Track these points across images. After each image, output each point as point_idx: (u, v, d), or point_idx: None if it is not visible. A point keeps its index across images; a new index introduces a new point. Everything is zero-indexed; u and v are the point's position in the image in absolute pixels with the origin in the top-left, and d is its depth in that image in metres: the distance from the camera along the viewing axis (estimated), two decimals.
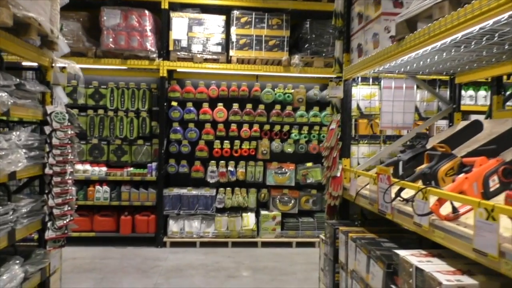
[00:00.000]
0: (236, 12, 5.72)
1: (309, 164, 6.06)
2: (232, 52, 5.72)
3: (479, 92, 6.11)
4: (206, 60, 5.75)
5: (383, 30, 2.67)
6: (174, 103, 5.83)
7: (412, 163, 2.69)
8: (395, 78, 3.51)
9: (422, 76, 3.44)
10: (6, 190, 2.54)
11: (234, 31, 5.71)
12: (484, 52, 2.43)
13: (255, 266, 4.96)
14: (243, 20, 5.71)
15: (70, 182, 2.97)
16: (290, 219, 5.95)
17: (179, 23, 5.65)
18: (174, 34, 5.66)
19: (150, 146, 5.86)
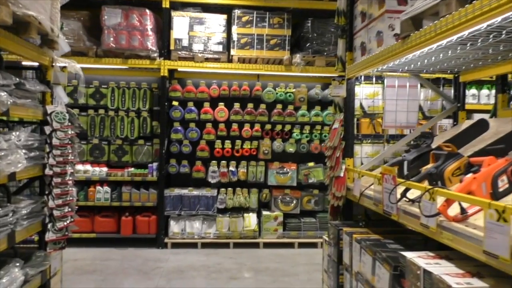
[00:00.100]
0: (237, 11, 5.68)
1: (310, 163, 6.03)
2: (233, 51, 5.69)
3: (482, 91, 6.07)
4: (207, 59, 5.72)
5: (387, 28, 2.63)
6: (175, 103, 5.80)
7: (417, 163, 2.66)
8: (398, 77, 3.47)
9: (426, 74, 3.40)
10: (6, 191, 2.51)
11: (235, 30, 5.67)
12: (490, 50, 2.39)
13: (257, 267, 4.93)
14: (244, 19, 5.68)
15: (71, 183, 2.93)
16: (292, 220, 5.92)
17: (180, 22, 5.62)
18: (175, 33, 5.62)
19: (151, 146, 5.83)
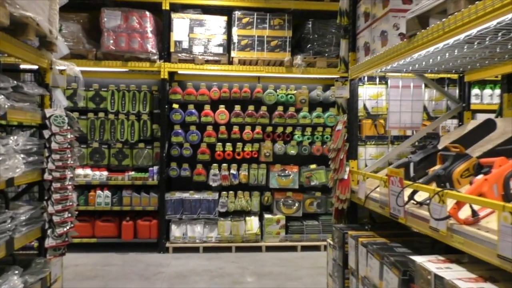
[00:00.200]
0: (237, 13, 5.64)
1: (312, 166, 5.98)
2: (233, 53, 5.65)
3: (485, 91, 6.03)
4: (208, 61, 5.67)
5: (392, 27, 2.58)
6: (176, 106, 5.75)
7: (423, 164, 2.61)
8: (402, 77, 3.42)
9: (430, 74, 3.35)
10: (4, 197, 2.46)
11: (236, 32, 5.63)
12: (498, 49, 2.34)
13: (260, 271, 4.87)
14: (244, 20, 5.63)
15: (70, 187, 2.88)
16: (295, 223, 5.85)
17: (180, 24, 5.58)
18: (175, 36, 5.58)
19: (152, 149, 5.77)
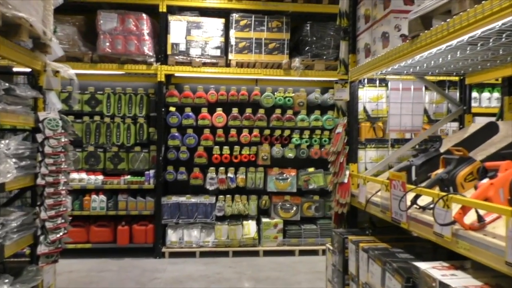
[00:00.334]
0: (235, 15, 5.60)
1: (310, 169, 5.92)
2: (231, 56, 5.60)
3: (483, 94, 6.01)
4: (205, 64, 5.62)
5: (393, 28, 2.54)
6: (172, 109, 5.69)
7: (425, 168, 2.56)
8: (402, 80, 3.38)
9: (431, 77, 3.31)
10: None
11: (233, 34, 5.58)
12: (500, 51, 2.31)
13: (257, 276, 4.80)
14: (242, 23, 5.59)
15: (64, 193, 2.81)
16: (292, 227, 5.79)
17: (177, 26, 5.53)
18: (172, 38, 5.52)
19: (148, 153, 5.70)
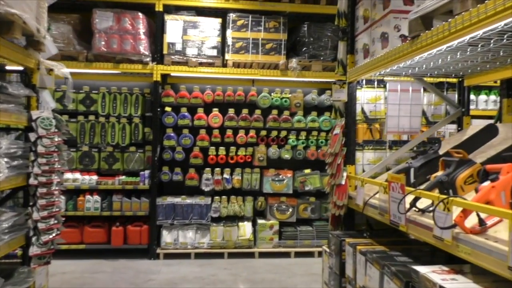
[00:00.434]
0: (232, 15, 5.56)
1: (307, 170, 5.89)
2: (228, 56, 5.56)
3: (480, 97, 6.02)
4: (201, 64, 5.58)
5: (393, 29, 2.52)
6: (168, 109, 5.64)
7: (424, 170, 2.54)
8: (401, 81, 3.36)
9: (429, 78, 3.29)
10: None
11: (230, 34, 5.55)
12: (501, 52, 2.29)
13: (252, 278, 4.76)
14: (239, 23, 5.55)
15: (57, 193, 2.75)
16: (288, 228, 5.76)
17: (173, 26, 5.48)
18: (168, 37, 5.48)
19: (143, 153, 5.65)
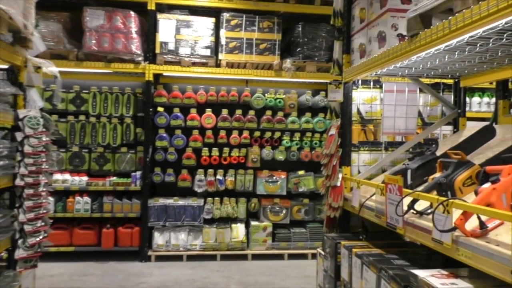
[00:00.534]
0: (226, 15, 5.50)
1: (301, 172, 5.85)
2: (221, 56, 5.50)
3: (473, 98, 6.04)
4: (194, 63, 5.51)
5: (390, 28, 2.48)
6: (160, 109, 5.56)
7: (421, 172, 2.50)
8: (397, 82, 3.33)
9: (425, 79, 3.26)
10: None
11: (224, 34, 5.49)
12: (499, 52, 2.26)
13: (246, 280, 4.69)
14: (233, 22, 5.50)
15: (45, 194, 2.67)
16: (282, 230, 5.71)
17: (166, 25, 5.41)
18: (161, 37, 5.40)
19: (135, 154, 5.56)
